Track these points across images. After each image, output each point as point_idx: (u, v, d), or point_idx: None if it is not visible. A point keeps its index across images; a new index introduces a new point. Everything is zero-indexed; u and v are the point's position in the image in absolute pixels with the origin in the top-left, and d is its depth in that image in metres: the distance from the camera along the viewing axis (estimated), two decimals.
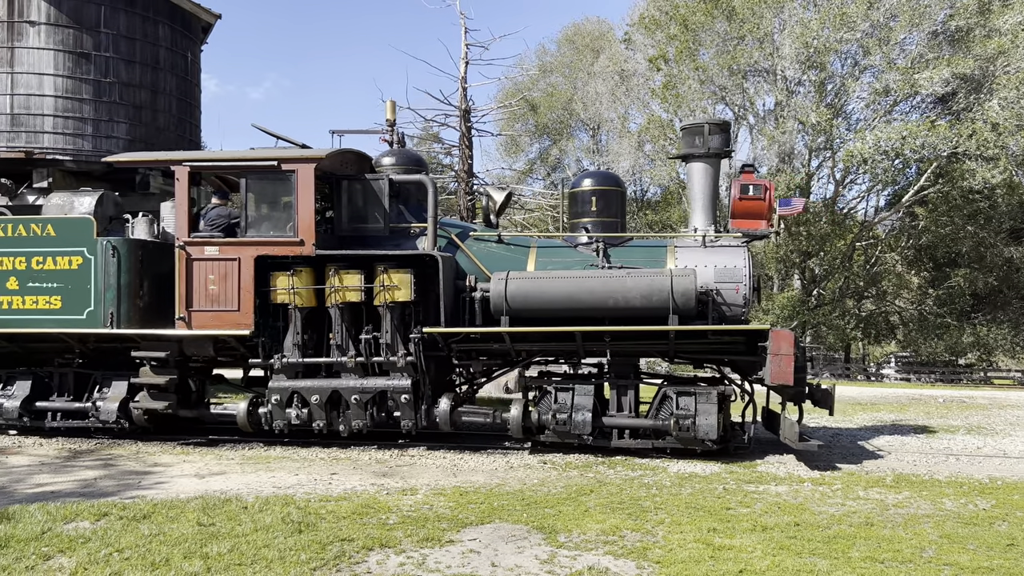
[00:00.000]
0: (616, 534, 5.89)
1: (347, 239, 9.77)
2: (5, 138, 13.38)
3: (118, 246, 9.57)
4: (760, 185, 9.42)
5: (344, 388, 9.24)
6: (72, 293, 9.60)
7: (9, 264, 9.74)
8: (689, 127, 9.86)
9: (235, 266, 9.30)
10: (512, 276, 9.03)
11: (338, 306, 9.26)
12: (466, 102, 24.06)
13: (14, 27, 13.42)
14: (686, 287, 8.62)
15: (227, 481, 7.72)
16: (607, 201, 9.77)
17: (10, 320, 9.76)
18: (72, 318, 9.61)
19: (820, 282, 30.26)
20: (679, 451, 9.00)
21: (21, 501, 6.75)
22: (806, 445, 8.54)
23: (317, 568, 5.06)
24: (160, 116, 14.25)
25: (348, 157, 10.27)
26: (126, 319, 9.54)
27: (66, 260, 9.63)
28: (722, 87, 28.74)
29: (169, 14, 14.54)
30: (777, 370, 8.29)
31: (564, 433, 8.94)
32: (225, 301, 9.32)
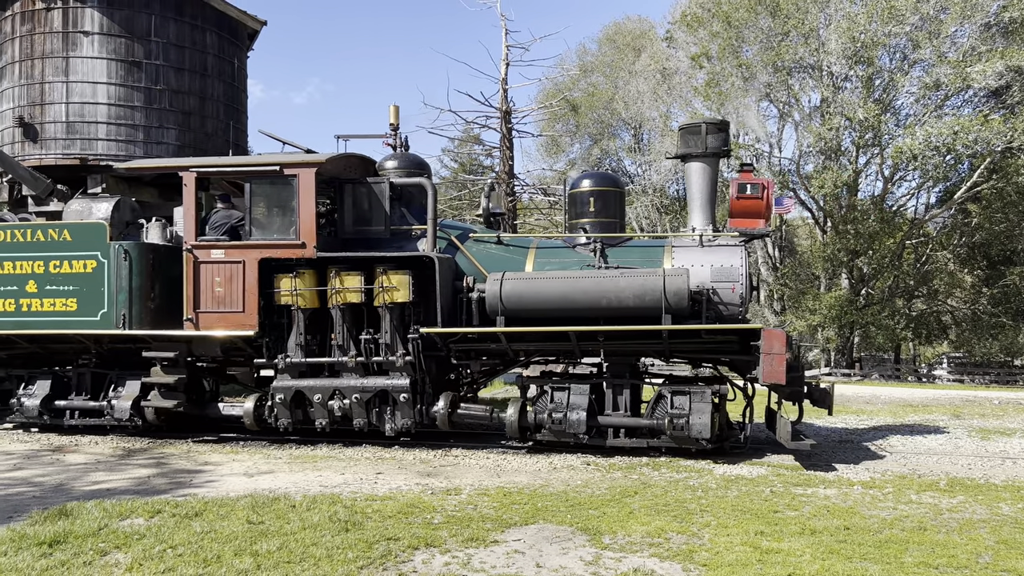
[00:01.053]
0: (661, 536, 5.85)
1: (350, 241, 9.95)
2: (61, 145, 13.80)
3: (130, 250, 9.87)
4: (758, 184, 9.37)
5: (346, 387, 9.41)
6: (87, 296, 9.93)
7: (28, 268, 10.11)
8: (687, 127, 9.85)
9: (240, 268, 9.53)
10: (507, 277, 9.10)
11: (339, 307, 9.44)
12: (507, 103, 24.11)
13: (69, 37, 13.84)
14: (678, 287, 8.62)
15: (275, 480, 7.85)
16: (605, 202, 9.81)
17: (29, 322, 10.14)
18: (87, 320, 9.94)
19: (869, 281, 29.64)
20: (674, 450, 9.00)
21: (79, 498, 6.95)
22: (799, 444, 8.50)
23: (364, 567, 5.12)
24: (208, 122, 14.56)
25: (352, 161, 10.45)
26: (137, 320, 9.83)
27: (81, 264, 9.97)
28: (766, 84, 28.33)
29: (216, 22, 14.85)
30: (770, 369, 8.27)
31: (560, 432, 8.99)
32: (231, 303, 9.56)
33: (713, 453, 8.98)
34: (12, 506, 6.78)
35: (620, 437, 9.05)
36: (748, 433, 9.42)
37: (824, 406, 9.37)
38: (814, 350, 37.66)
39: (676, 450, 8.99)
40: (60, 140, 13.80)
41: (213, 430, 10.86)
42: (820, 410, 14.19)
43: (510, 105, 24.18)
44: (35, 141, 13.86)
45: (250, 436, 10.36)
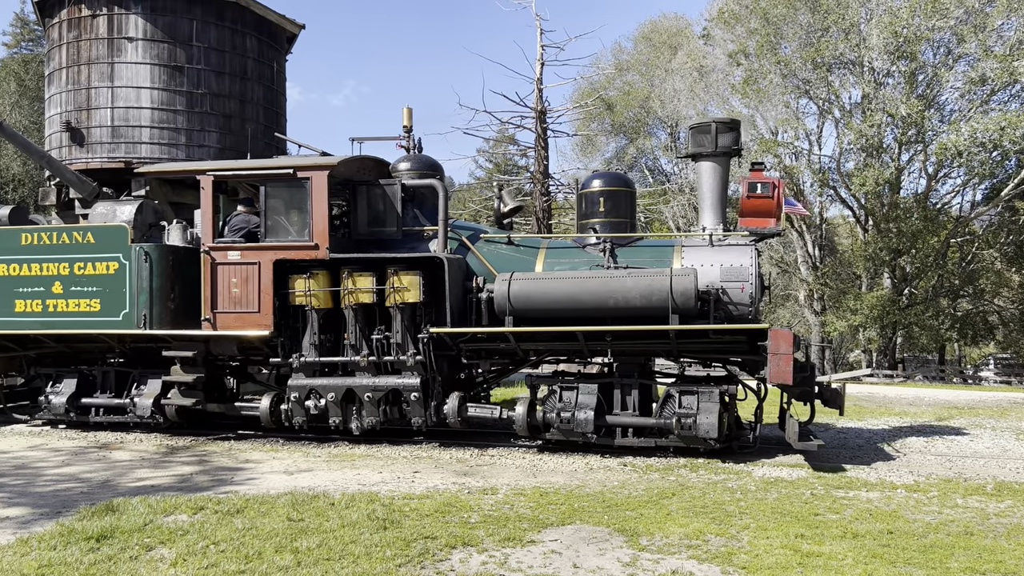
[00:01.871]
0: (700, 538, 5.80)
1: (364, 242, 10.06)
2: (107, 149, 14.13)
3: (150, 252, 10.09)
4: (768, 183, 9.28)
5: (358, 386, 9.52)
6: (109, 296, 10.18)
7: (54, 270, 10.39)
8: (697, 126, 9.79)
9: (256, 270, 9.70)
10: (515, 277, 9.15)
11: (352, 307, 9.55)
12: (542, 103, 24.09)
13: (114, 43, 14.16)
14: (685, 287, 8.59)
15: (314, 478, 7.94)
16: (615, 202, 9.80)
17: (56, 322, 10.42)
18: (109, 320, 10.19)
19: (912, 281, 29.06)
20: (682, 450, 8.96)
21: (124, 494, 7.11)
22: (806, 445, 8.44)
23: (402, 564, 5.16)
24: (248, 125, 14.78)
25: (367, 163, 10.58)
26: (158, 320, 10.05)
27: (104, 265, 10.22)
28: (805, 81, 27.93)
29: (256, 26, 15.08)
30: (776, 369, 8.23)
31: (568, 431, 9.02)
32: (247, 303, 9.73)
33: (721, 453, 8.94)
34: (61, 501, 6.96)
35: (628, 436, 9.05)
36: (758, 433, 9.35)
37: (835, 406, 9.29)
38: (855, 351, 37.04)
39: (685, 450, 8.97)
40: (105, 144, 14.14)
41: (232, 427, 11.08)
42: (856, 412, 13.99)
43: (545, 105, 24.15)
44: (82, 145, 14.21)
45: (270, 433, 10.55)
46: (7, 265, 10.52)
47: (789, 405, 9.11)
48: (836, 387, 9.34)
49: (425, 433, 9.96)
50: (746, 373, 9.69)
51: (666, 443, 8.94)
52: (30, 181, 39.87)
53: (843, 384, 9.62)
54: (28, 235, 10.51)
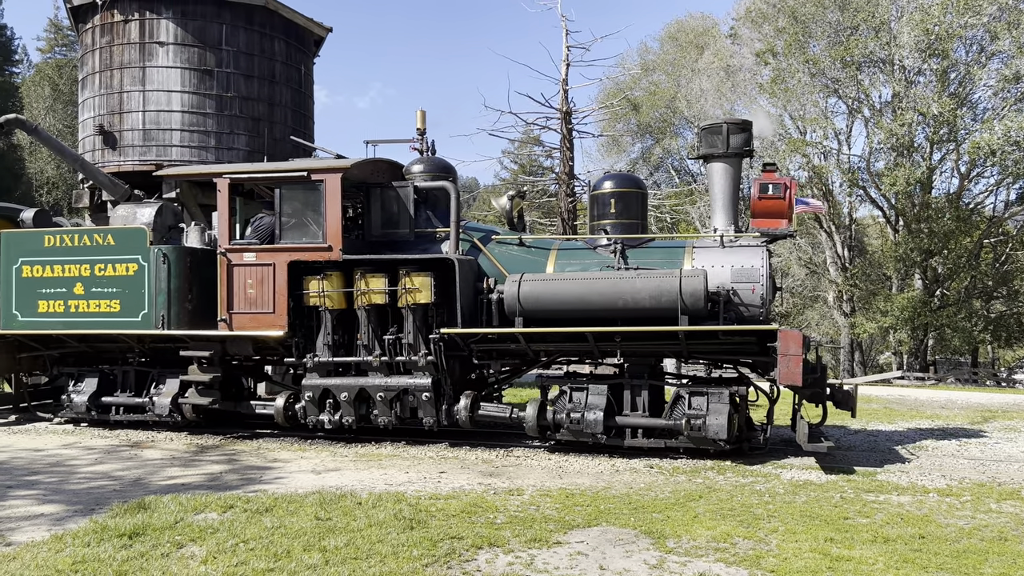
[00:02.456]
0: (727, 541, 5.76)
1: (377, 244, 10.15)
2: (138, 152, 14.35)
3: (168, 254, 10.25)
4: (780, 184, 9.23)
5: (371, 386, 9.61)
6: (129, 297, 10.37)
7: (76, 271, 10.61)
8: (709, 127, 9.77)
9: (271, 271, 9.82)
10: (525, 278, 9.19)
11: (365, 308, 9.65)
12: (567, 104, 24.06)
13: (145, 48, 14.38)
14: (694, 288, 8.57)
15: (342, 477, 8.00)
16: (626, 203, 9.80)
17: (77, 322, 10.64)
18: (129, 320, 10.38)
19: (944, 282, 28.61)
20: (692, 451, 8.93)
21: (155, 492, 7.21)
22: (815, 446, 8.41)
23: (429, 564, 5.18)
24: (277, 128, 14.93)
25: (381, 166, 10.67)
26: (175, 321, 10.20)
27: (124, 267, 10.42)
28: (834, 79, 27.62)
29: (284, 30, 15.22)
30: (786, 370, 8.19)
31: (578, 432, 9.01)
32: (262, 304, 9.86)
33: (732, 454, 8.91)
34: (94, 498, 7.08)
35: (638, 437, 9.05)
36: (768, 435, 9.30)
37: (847, 408, 9.25)
38: (885, 353, 36.55)
39: (695, 451, 8.95)
40: (137, 147, 14.36)
41: (248, 426, 11.24)
42: (886, 414, 13.81)
43: (570, 105, 24.12)
44: (114, 148, 14.44)
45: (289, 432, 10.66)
46: (31, 267, 10.79)
47: (800, 407, 9.07)
48: (848, 389, 9.29)
49: (436, 433, 10.00)
50: (757, 375, 9.65)
51: (676, 444, 8.93)
52: (64, 184, 40.60)
53: (855, 387, 9.56)
54: (51, 237, 10.76)
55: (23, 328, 10.88)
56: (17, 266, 10.84)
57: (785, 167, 29.08)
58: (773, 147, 28.94)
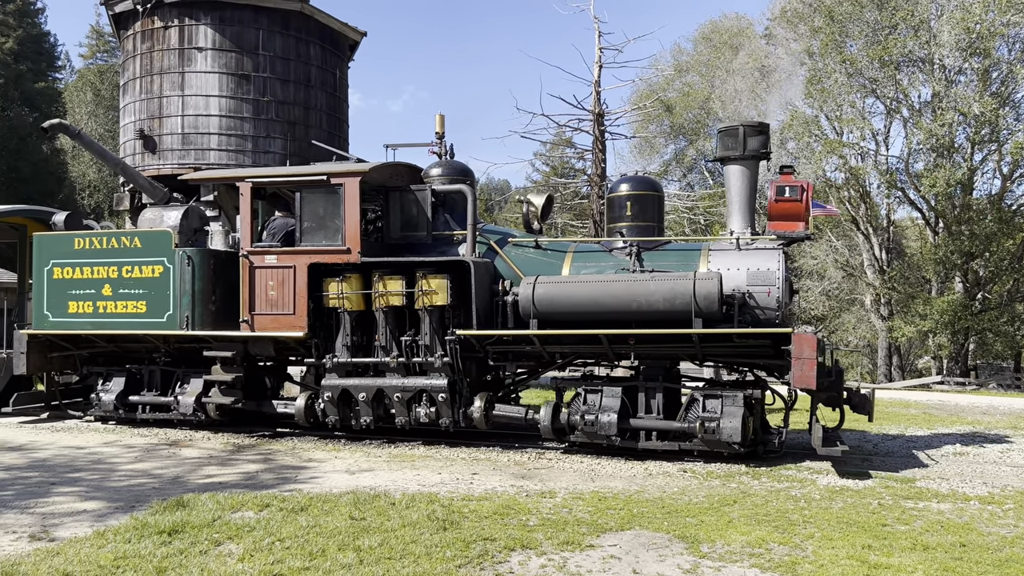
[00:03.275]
0: (762, 546, 5.70)
1: (396, 246, 10.27)
2: (177, 156, 14.61)
3: (193, 256, 10.45)
4: (797, 186, 9.20)
5: (388, 387, 9.74)
6: (154, 298, 10.62)
7: (104, 273, 10.89)
8: (726, 129, 9.75)
9: (291, 273, 9.98)
10: (540, 280, 9.25)
11: (382, 309, 9.79)
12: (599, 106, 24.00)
13: (184, 54, 14.64)
14: (708, 290, 8.55)
15: (375, 477, 8.07)
16: (642, 206, 9.81)
17: (105, 323, 10.91)
18: (154, 321, 10.63)
19: (985, 285, 28.01)
20: (707, 454, 8.90)
21: (194, 490, 7.34)
22: (830, 450, 8.39)
23: (462, 565, 5.20)
24: (312, 131, 15.10)
25: (400, 169, 10.85)
26: (199, 322, 10.41)
27: (150, 269, 10.66)
28: (872, 79, 27.19)
29: (320, 34, 15.40)
30: (800, 374, 8.16)
31: (592, 434, 9.04)
32: (283, 305, 10.02)
33: (746, 457, 8.88)
34: (134, 496, 7.23)
35: (652, 440, 9.05)
36: (783, 438, 9.25)
37: (864, 412, 9.17)
38: (924, 357, 35.87)
39: (709, 454, 8.92)
40: (176, 151, 14.63)
41: (271, 424, 11.44)
42: (925, 420, 13.55)
43: (603, 107, 24.06)
44: (154, 152, 14.72)
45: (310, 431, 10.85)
46: (61, 268, 11.09)
47: (814, 409, 9.03)
48: (865, 393, 9.22)
49: (452, 433, 10.12)
50: (774, 378, 9.62)
51: (690, 447, 8.91)
52: (105, 187, 41.46)
53: (872, 390, 9.49)
54: (80, 240, 11.07)
55: (54, 328, 11.19)
56: (48, 268, 11.17)
57: (821, 168, 28.72)
58: (809, 148, 28.57)
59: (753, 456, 8.99)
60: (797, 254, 33.73)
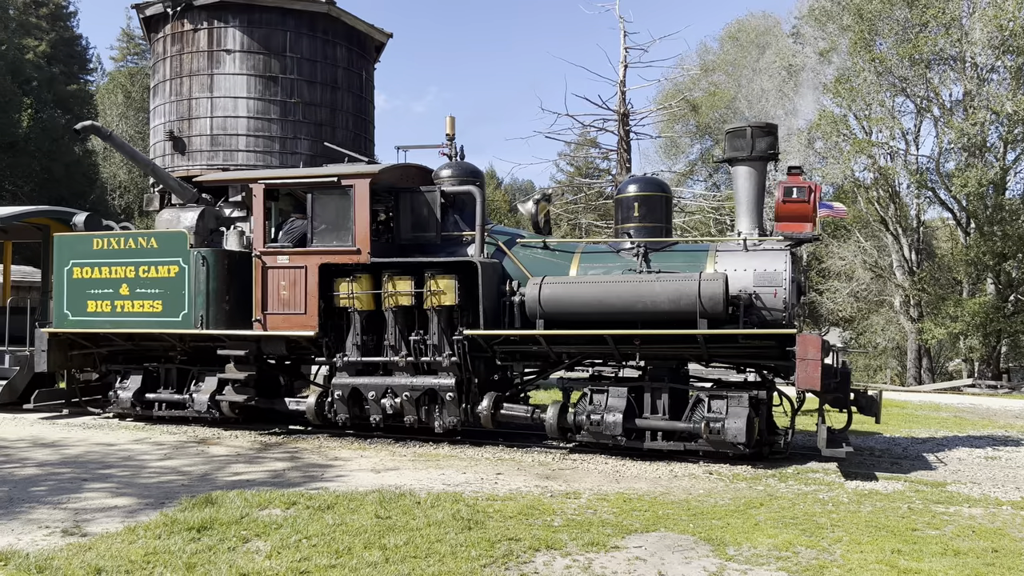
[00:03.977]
0: (789, 550, 5.65)
1: (406, 247, 10.41)
2: (206, 157, 14.77)
3: (207, 256, 10.62)
4: (804, 187, 9.18)
5: (396, 385, 9.86)
6: (170, 298, 10.79)
7: (122, 273, 11.07)
8: (733, 130, 9.76)
9: (303, 273, 10.12)
10: (546, 281, 9.31)
11: (392, 309, 9.89)
12: (625, 105, 23.94)
13: (213, 56, 14.80)
14: (713, 291, 8.56)
15: (400, 477, 8.11)
16: (650, 207, 9.83)
17: (122, 321, 11.12)
18: (170, 320, 10.81)
19: (1018, 287, 27.49)
20: (712, 454, 8.90)
21: (222, 488, 7.42)
22: (834, 451, 8.37)
23: (487, 565, 5.21)
24: (338, 132, 15.20)
25: (410, 171, 10.98)
26: (213, 321, 10.58)
27: (166, 269, 10.83)
28: (902, 78, 26.82)
29: (346, 36, 15.50)
30: (804, 375, 8.18)
31: (597, 434, 9.08)
32: (294, 305, 10.16)
33: (752, 458, 8.86)
34: (164, 492, 7.33)
35: (658, 440, 9.08)
36: (790, 439, 9.26)
37: (871, 414, 9.14)
38: (955, 360, 35.32)
39: (714, 454, 8.91)
40: (205, 152, 14.78)
41: (284, 422, 11.61)
42: (956, 423, 13.34)
43: (628, 107, 24.00)
44: (183, 153, 14.90)
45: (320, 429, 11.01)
46: (81, 268, 11.31)
47: (821, 411, 9.00)
48: (872, 394, 9.21)
49: (460, 432, 10.25)
50: (781, 379, 9.62)
51: (695, 447, 8.93)
52: (135, 188, 42.06)
53: (880, 392, 9.46)
54: (99, 240, 11.29)
55: (73, 327, 11.42)
56: (68, 268, 11.40)
57: (849, 168, 28.38)
58: (837, 147, 28.25)
59: (759, 457, 9.01)
60: (824, 255, 33.40)
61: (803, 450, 9.65)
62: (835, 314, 34.58)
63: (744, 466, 8.74)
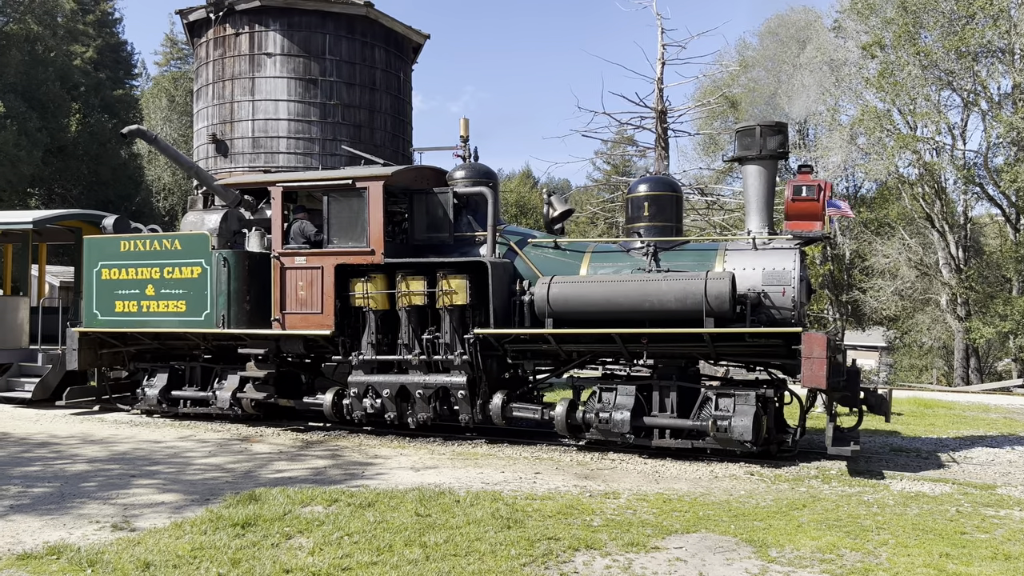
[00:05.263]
0: (833, 552, 5.57)
1: (421, 247, 10.58)
2: (247, 159, 15.02)
3: (228, 257, 10.89)
4: (813, 186, 9.16)
5: (410, 383, 10.05)
6: (193, 298, 11.09)
7: (148, 274, 11.40)
8: (743, 129, 9.76)
9: (319, 274, 10.34)
10: (555, 280, 9.41)
11: (406, 309, 10.06)
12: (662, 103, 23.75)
13: (254, 59, 15.04)
14: (719, 290, 8.61)
15: (439, 475, 8.16)
16: (660, 206, 9.86)
17: (148, 321, 11.45)
18: (193, 319, 11.12)
19: None
20: (720, 452, 8.95)
21: (265, 485, 7.54)
22: (839, 449, 8.41)
23: (526, 564, 5.22)
24: (377, 134, 15.35)
25: (425, 173, 11.17)
26: (235, 320, 10.85)
27: (189, 270, 11.13)
28: (948, 71, 26.21)
29: (385, 38, 15.63)
30: (809, 373, 8.20)
31: (606, 431, 9.15)
32: (311, 304, 10.37)
33: (759, 456, 8.85)
34: (209, 489, 7.47)
35: (666, 438, 9.10)
36: (798, 437, 9.22)
37: (880, 412, 9.12)
38: (1004, 359, 34.44)
39: (723, 452, 8.91)
40: (247, 154, 15.04)
41: (303, 419, 11.82)
42: (1006, 425, 13.00)
43: (666, 104, 23.80)
44: (225, 156, 15.17)
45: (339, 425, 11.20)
46: (109, 269, 11.66)
47: (829, 409, 8.99)
48: (882, 393, 9.17)
49: (472, 429, 10.40)
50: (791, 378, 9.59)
51: (702, 445, 8.94)
52: (179, 190, 42.91)
53: (889, 390, 9.42)
54: (126, 242, 11.63)
55: (102, 326, 11.78)
56: (97, 269, 11.77)
57: (893, 164, 27.82)
58: (880, 143, 27.71)
59: (767, 455, 9.02)
60: (868, 252, 32.78)
61: (816, 448, 9.56)
62: (879, 313, 33.94)
63: (787, 467, 8.63)
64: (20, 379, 13.50)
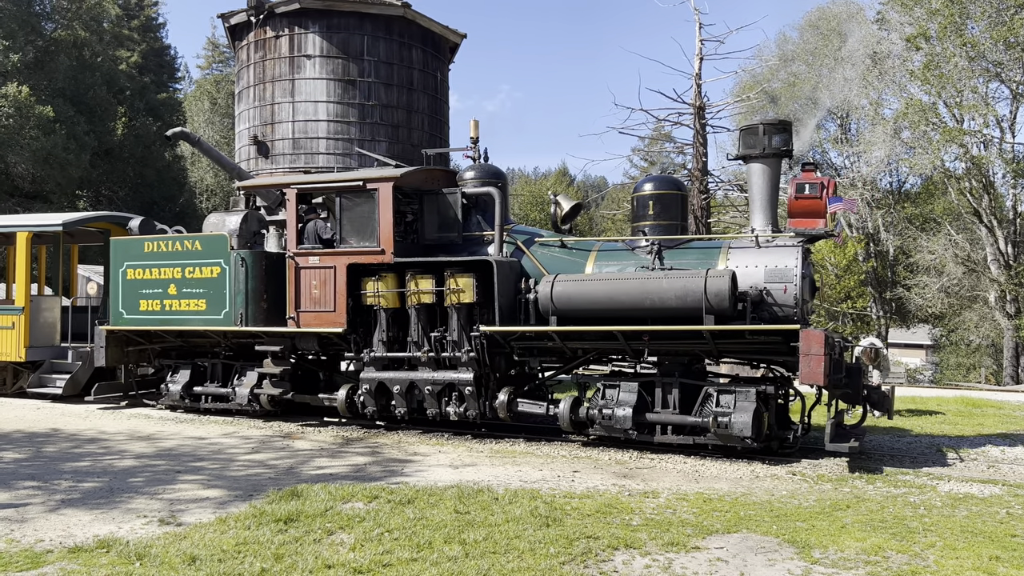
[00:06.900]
0: (879, 554, 5.47)
1: (430, 247, 10.74)
2: (288, 160, 15.22)
3: (246, 257, 11.16)
4: (817, 184, 9.12)
5: (419, 380, 10.26)
6: (213, 297, 11.38)
7: (170, 274, 11.73)
8: (746, 128, 9.77)
9: (332, 273, 10.55)
10: (559, 279, 9.52)
11: (415, 307, 10.25)
12: (700, 99, 23.50)
13: (294, 61, 15.24)
14: (719, 288, 8.65)
15: (478, 472, 8.19)
16: (664, 205, 9.93)
17: (171, 319, 11.78)
18: (213, 317, 11.42)
19: None
20: (721, 448, 9.01)
21: (306, 481, 7.64)
22: (837, 446, 8.37)
23: (565, 562, 5.22)
24: (414, 134, 15.46)
25: (435, 174, 11.36)
26: (252, 319, 11.12)
27: (209, 270, 11.42)
28: (996, 63, 25.56)
29: (422, 38, 15.72)
30: (807, 370, 8.25)
31: (609, 427, 9.24)
32: (325, 303, 10.59)
33: (760, 453, 8.85)
34: (252, 485, 7.59)
35: (668, 434, 9.15)
36: (799, 433, 9.24)
37: (883, 409, 9.17)
38: None
39: (724, 448, 8.93)
40: (287, 155, 15.25)
41: (319, 414, 12.04)
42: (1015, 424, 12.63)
43: (704, 100, 23.56)
44: (266, 157, 15.40)
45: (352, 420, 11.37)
46: (133, 269, 12.03)
47: (831, 406, 8.97)
48: (885, 390, 9.19)
49: (479, 424, 10.55)
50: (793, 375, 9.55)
51: (704, 441, 8.96)
52: (221, 191, 43.66)
53: (892, 387, 9.44)
54: (150, 243, 11.99)
55: (127, 324, 12.15)
56: (122, 269, 12.13)
57: (939, 158, 27.21)
58: (926, 136, 27.11)
59: (768, 451, 9.04)
60: (912, 249, 32.11)
61: (819, 446, 9.41)
62: (923, 310, 33.23)
63: (830, 467, 8.50)
64: (52, 375, 13.93)
